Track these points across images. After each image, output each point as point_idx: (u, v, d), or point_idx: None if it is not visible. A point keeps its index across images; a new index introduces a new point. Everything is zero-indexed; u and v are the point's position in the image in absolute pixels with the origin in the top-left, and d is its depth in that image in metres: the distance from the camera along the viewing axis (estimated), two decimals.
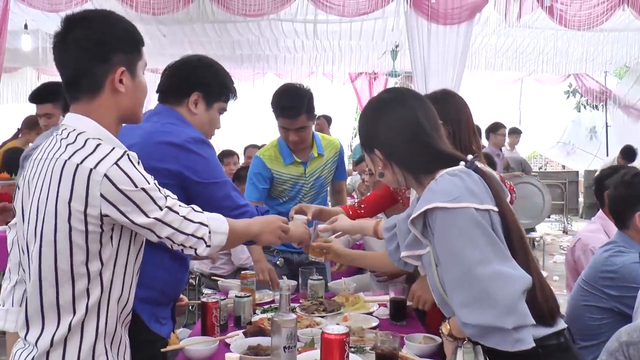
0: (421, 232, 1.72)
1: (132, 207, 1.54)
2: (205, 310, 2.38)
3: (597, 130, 12.81)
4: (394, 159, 1.80)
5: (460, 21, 5.05)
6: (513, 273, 1.56)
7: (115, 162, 1.52)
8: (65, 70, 1.65)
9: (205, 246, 1.72)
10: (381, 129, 1.82)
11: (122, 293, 1.63)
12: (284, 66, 9.18)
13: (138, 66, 1.69)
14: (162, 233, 1.62)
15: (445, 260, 1.64)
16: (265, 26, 6.97)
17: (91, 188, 1.50)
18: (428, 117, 1.80)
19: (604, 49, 8.21)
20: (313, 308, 2.67)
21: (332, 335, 1.74)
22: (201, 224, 1.70)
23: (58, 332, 1.54)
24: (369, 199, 2.99)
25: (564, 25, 5.34)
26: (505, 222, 1.69)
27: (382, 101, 1.89)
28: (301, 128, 3.18)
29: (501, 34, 7.37)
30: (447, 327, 1.74)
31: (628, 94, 10.73)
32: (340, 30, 7.26)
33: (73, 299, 1.54)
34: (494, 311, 1.53)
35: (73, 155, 1.53)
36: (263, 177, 3.29)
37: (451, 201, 1.61)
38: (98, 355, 1.57)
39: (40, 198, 1.54)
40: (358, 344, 2.24)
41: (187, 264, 2.32)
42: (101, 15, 1.68)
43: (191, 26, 6.80)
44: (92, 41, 1.60)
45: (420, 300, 2.48)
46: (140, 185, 1.55)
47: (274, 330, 1.87)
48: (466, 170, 1.71)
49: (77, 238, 1.52)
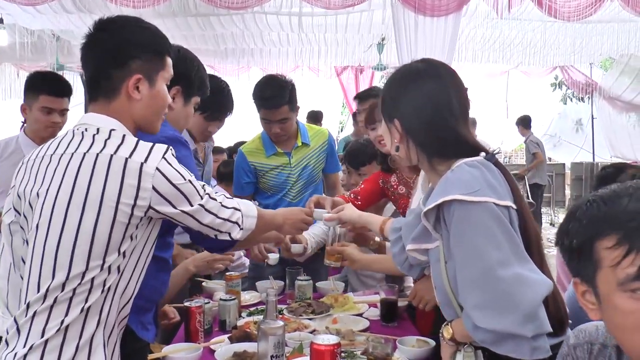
0: (433, 225, 1.60)
1: (181, 198, 1.61)
2: (188, 315, 2.29)
3: (583, 122, 12.84)
4: (412, 134, 1.67)
5: (448, 13, 4.98)
6: (535, 277, 1.46)
7: (163, 156, 1.58)
8: (87, 70, 1.70)
9: (239, 229, 1.80)
10: (407, 100, 1.68)
11: (128, 287, 1.63)
12: (269, 60, 9.07)
13: (159, 75, 1.72)
14: (205, 219, 1.70)
15: (462, 258, 1.52)
16: (249, 19, 6.86)
17: (143, 181, 1.53)
18: (459, 98, 1.67)
19: (590, 41, 8.19)
20: (301, 310, 2.59)
21: (323, 346, 1.64)
22: (235, 208, 1.79)
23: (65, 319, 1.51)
24: (363, 191, 2.89)
25: (553, 16, 5.29)
26: (522, 221, 1.57)
27: (414, 70, 1.72)
28: (283, 119, 3.13)
29: (488, 26, 7.33)
30: (450, 330, 1.64)
31: (613, 86, 10.73)
32: (325, 23, 7.17)
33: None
34: (513, 317, 1.43)
35: (118, 149, 1.55)
36: (245, 171, 3.29)
37: (471, 194, 1.49)
38: (96, 345, 1.54)
39: (75, 190, 1.52)
40: (348, 348, 2.15)
41: (169, 265, 2.23)
42: (129, 21, 1.73)
43: (174, 20, 6.68)
44: (112, 45, 1.65)
45: (422, 300, 2.35)
46: (187, 178, 1.63)
47: (260, 337, 1.79)
48: (485, 163, 1.59)
49: (116, 229, 1.53)
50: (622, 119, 11.57)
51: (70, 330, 1.51)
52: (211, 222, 1.72)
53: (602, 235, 1.04)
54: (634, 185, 1.06)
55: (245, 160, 3.28)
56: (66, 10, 5.98)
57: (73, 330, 1.51)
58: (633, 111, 11.19)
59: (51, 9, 5.95)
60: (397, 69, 1.82)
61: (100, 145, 1.56)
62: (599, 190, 1.10)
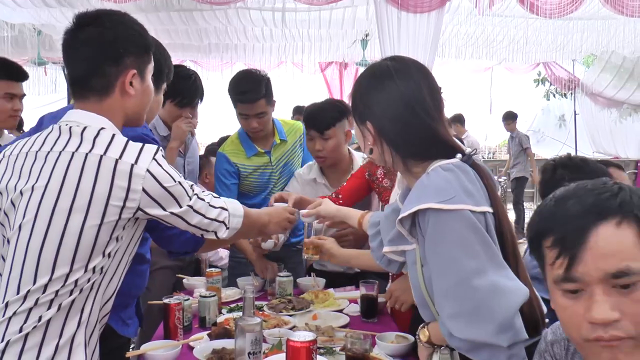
0: (409, 230, 1.57)
1: (171, 200, 1.60)
2: (167, 312, 2.28)
3: (565, 118, 12.94)
4: (385, 136, 1.62)
5: (431, 9, 5.00)
6: (510, 285, 1.44)
7: (153, 157, 1.56)
8: (75, 68, 1.64)
9: (226, 228, 1.79)
10: (377, 101, 1.62)
11: (110, 285, 1.61)
12: (253, 55, 9.02)
13: (147, 70, 1.71)
14: (193, 220, 1.69)
15: (438, 267, 1.49)
16: (232, 14, 6.83)
17: (133, 183, 1.52)
18: (433, 96, 1.62)
19: (572, 37, 8.25)
20: (281, 306, 2.58)
21: (299, 343, 1.63)
22: (222, 208, 1.78)
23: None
24: (345, 189, 2.88)
25: (535, 12, 5.33)
26: (499, 225, 1.54)
27: (384, 69, 1.65)
28: (261, 113, 3.11)
29: (472, 22, 7.35)
30: (426, 333, 1.62)
31: (595, 83, 10.84)
32: (309, 19, 7.15)
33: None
34: (488, 327, 1.41)
35: (107, 150, 1.52)
36: (230, 173, 3.22)
37: (445, 202, 1.45)
38: (76, 345, 1.53)
39: (63, 190, 1.49)
40: (327, 344, 2.15)
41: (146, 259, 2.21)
42: (115, 15, 1.68)
43: (156, 14, 6.63)
44: (105, 41, 1.61)
45: (398, 301, 2.36)
46: (177, 179, 1.61)
47: (238, 334, 1.78)
48: (461, 165, 1.55)
49: (103, 231, 1.51)
50: (604, 114, 11.69)
51: (50, 328, 1.48)
52: (199, 222, 1.71)
53: (545, 234, 1.08)
54: (587, 186, 1.07)
55: (229, 162, 3.22)
56: (47, 4, 5.91)
57: (53, 328, 1.49)
58: (614, 107, 11.31)
59: (32, 3, 5.89)
60: (366, 68, 1.76)
61: (88, 145, 1.53)
62: (561, 188, 1.11)
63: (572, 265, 1.02)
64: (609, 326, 0.99)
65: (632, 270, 0.98)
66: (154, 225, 1.86)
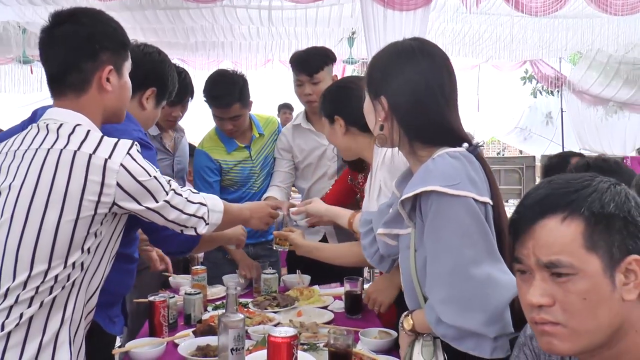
0: (408, 213, 1.57)
1: (146, 195, 1.61)
2: (152, 310, 2.28)
3: (552, 115, 12.97)
4: (398, 113, 1.61)
5: (417, 7, 4.99)
6: (504, 279, 1.45)
7: (127, 152, 1.57)
8: (52, 65, 1.66)
9: (205, 224, 1.81)
10: (396, 76, 1.61)
11: (92, 282, 1.61)
12: (240, 53, 8.98)
13: (124, 66, 1.73)
14: (170, 216, 1.70)
15: (435, 251, 1.50)
16: (219, 13, 6.79)
17: (107, 177, 1.53)
18: (451, 82, 1.63)
19: (558, 35, 8.28)
20: (266, 303, 2.60)
21: (279, 338, 1.64)
22: (200, 203, 1.79)
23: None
24: (329, 195, 2.89)
25: (520, 10, 5.35)
26: (497, 218, 1.55)
27: (407, 47, 1.65)
28: (235, 117, 3.11)
29: (458, 20, 7.36)
30: (410, 321, 1.64)
31: (581, 80, 10.89)
32: (295, 17, 7.13)
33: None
34: (479, 316, 1.43)
35: (81, 145, 1.53)
36: (211, 170, 3.22)
37: (451, 187, 1.45)
38: (61, 343, 1.53)
39: (38, 187, 1.50)
40: (311, 340, 2.17)
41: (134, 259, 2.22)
42: (91, 12, 1.70)
43: (142, 13, 6.59)
44: (81, 37, 1.63)
45: (376, 302, 2.38)
46: (152, 174, 1.62)
47: (220, 331, 1.79)
48: (468, 155, 1.56)
49: (80, 227, 1.52)
50: (591, 112, 11.74)
51: (33, 326, 1.49)
52: (177, 218, 1.72)
53: (512, 216, 1.18)
54: (560, 180, 1.13)
55: (210, 158, 3.21)
56: (32, 2, 5.86)
57: (35, 325, 1.49)
58: (600, 104, 11.37)
59: (16, 0, 5.83)
60: (386, 46, 1.73)
61: (63, 141, 1.54)
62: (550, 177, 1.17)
63: (515, 247, 1.14)
64: (540, 310, 1.09)
65: (562, 263, 1.06)
66: (153, 228, 1.87)
